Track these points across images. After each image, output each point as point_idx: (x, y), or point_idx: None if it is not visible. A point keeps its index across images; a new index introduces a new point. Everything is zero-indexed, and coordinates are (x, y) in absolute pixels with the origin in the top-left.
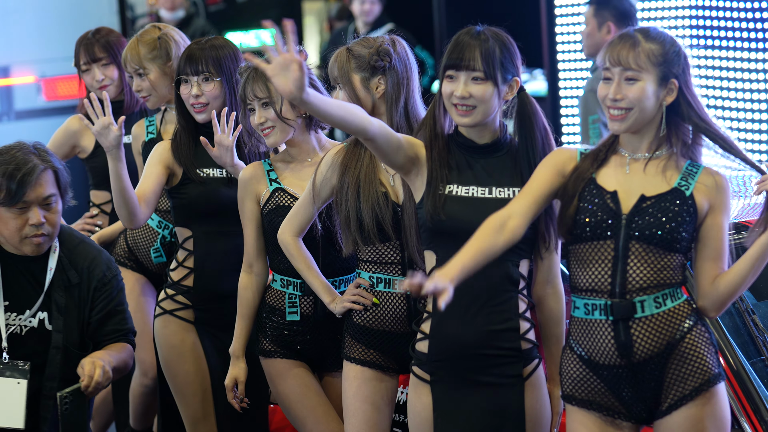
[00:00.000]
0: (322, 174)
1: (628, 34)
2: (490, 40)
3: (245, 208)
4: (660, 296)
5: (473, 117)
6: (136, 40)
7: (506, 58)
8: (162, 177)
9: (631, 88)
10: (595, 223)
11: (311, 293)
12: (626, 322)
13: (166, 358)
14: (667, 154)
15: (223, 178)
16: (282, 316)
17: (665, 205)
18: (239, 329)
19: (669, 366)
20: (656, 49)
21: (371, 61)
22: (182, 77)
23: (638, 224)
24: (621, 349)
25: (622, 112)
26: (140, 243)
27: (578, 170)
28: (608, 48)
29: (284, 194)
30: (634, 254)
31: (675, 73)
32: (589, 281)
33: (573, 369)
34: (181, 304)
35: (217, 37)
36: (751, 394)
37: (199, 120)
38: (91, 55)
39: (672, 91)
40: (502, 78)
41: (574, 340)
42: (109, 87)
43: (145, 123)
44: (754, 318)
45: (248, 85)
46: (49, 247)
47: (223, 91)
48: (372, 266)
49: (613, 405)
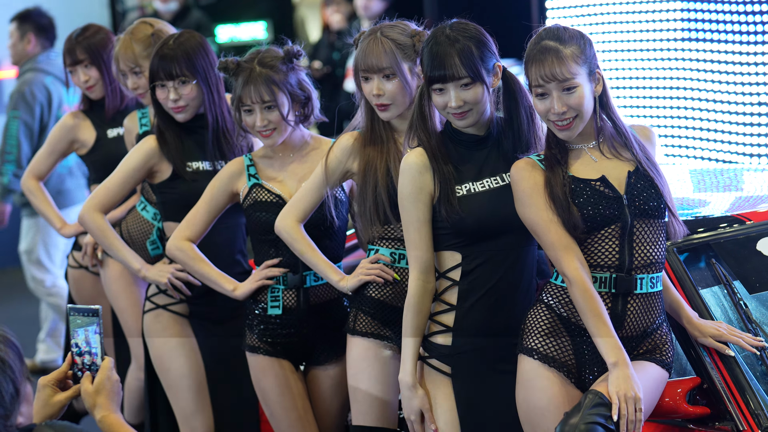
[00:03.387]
0: (337, 158)
1: (546, 47)
2: (461, 41)
3: (214, 193)
4: (654, 277)
5: (471, 118)
6: (129, 38)
7: (482, 52)
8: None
9: (571, 97)
10: (597, 213)
11: (294, 286)
12: (626, 297)
13: (158, 353)
14: (621, 133)
15: (210, 171)
16: (264, 309)
17: (644, 175)
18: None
19: (637, 350)
20: (576, 50)
21: (416, 49)
22: (157, 83)
23: (637, 200)
24: (614, 320)
25: (569, 121)
26: (135, 236)
27: (552, 176)
28: (534, 66)
29: (262, 189)
30: (638, 231)
31: (596, 64)
32: (594, 259)
33: (545, 324)
34: (174, 298)
35: (183, 33)
36: (743, 387)
37: (180, 120)
38: (72, 58)
39: (599, 81)
40: (486, 72)
41: (557, 301)
42: (95, 87)
43: (138, 115)
44: (747, 311)
45: (249, 87)
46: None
47: (200, 91)
48: (394, 243)
49: (569, 366)
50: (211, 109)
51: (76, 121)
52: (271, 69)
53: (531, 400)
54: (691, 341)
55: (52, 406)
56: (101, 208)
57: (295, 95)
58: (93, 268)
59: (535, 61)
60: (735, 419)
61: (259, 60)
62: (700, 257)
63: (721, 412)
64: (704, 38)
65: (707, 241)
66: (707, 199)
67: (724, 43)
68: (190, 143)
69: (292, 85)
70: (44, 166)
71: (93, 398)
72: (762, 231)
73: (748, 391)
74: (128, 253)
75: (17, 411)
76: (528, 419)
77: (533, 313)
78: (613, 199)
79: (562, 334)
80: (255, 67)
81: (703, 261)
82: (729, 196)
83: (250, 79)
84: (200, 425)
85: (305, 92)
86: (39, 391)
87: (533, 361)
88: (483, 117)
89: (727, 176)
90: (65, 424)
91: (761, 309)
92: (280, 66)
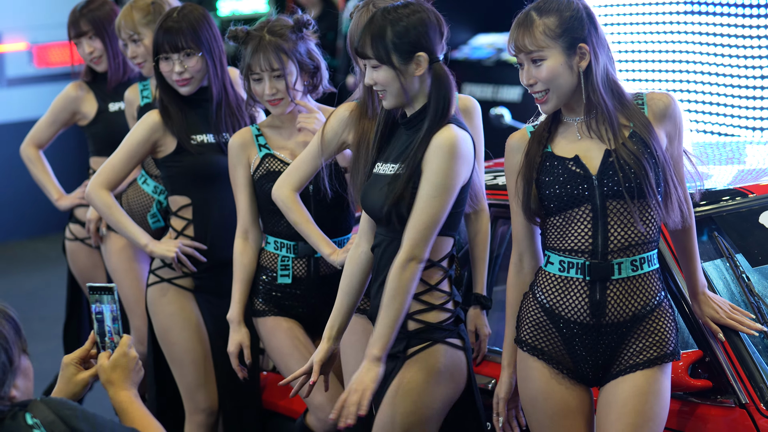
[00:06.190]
0: (333, 129)
1: (523, 15)
2: (380, 23)
3: (237, 174)
4: (638, 259)
5: (387, 101)
6: (130, 6)
7: (401, 37)
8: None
9: (540, 70)
10: (564, 193)
11: (304, 256)
12: (603, 283)
13: (163, 326)
14: (603, 112)
15: (214, 144)
16: (274, 277)
17: (627, 153)
18: (237, 294)
19: (631, 335)
20: (552, 22)
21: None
22: (162, 55)
23: (609, 181)
24: (593, 308)
25: (542, 94)
26: (136, 209)
27: (528, 150)
28: (510, 35)
29: (274, 159)
30: (613, 212)
31: (581, 38)
32: (568, 243)
33: (533, 316)
34: (180, 271)
35: (186, 6)
36: (746, 360)
37: (184, 92)
38: (77, 30)
39: (585, 55)
40: (399, 58)
41: (541, 291)
42: (101, 59)
43: (139, 87)
44: (749, 284)
45: (258, 55)
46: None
47: (205, 63)
48: None
49: (562, 359)
50: (215, 81)
51: (80, 93)
52: (280, 37)
53: (523, 390)
54: (693, 313)
55: (75, 384)
56: (107, 185)
57: (304, 64)
58: (89, 241)
59: (511, 30)
60: (737, 392)
61: (268, 28)
62: (703, 230)
63: (723, 386)
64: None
65: (709, 214)
66: (710, 172)
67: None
68: (194, 116)
69: (301, 54)
70: (45, 135)
71: (107, 374)
72: (764, 204)
73: (751, 364)
74: (136, 229)
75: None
76: (524, 407)
77: (525, 302)
78: (583, 179)
79: (548, 326)
80: (264, 35)
81: (705, 234)
82: (732, 169)
83: (259, 47)
84: (204, 399)
85: (314, 62)
86: (62, 370)
87: (522, 353)
88: (403, 101)
89: (729, 149)
90: (60, 399)
91: (763, 282)
92: (290, 35)
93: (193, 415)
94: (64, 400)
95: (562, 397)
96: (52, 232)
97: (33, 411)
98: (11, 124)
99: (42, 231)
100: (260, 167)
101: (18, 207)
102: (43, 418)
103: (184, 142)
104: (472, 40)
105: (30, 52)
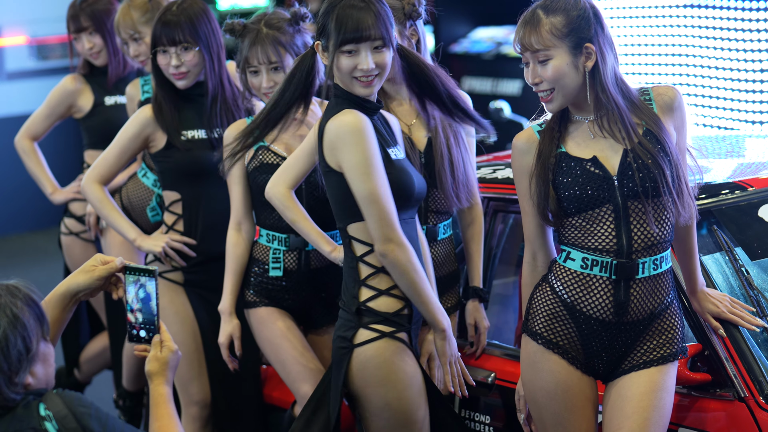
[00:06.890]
0: None
1: (529, 13)
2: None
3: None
4: (658, 258)
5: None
6: (127, 5)
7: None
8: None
9: (545, 69)
10: (584, 194)
11: (296, 249)
12: (627, 282)
13: None
14: (614, 112)
15: (205, 140)
16: (266, 270)
17: (644, 152)
18: (229, 285)
19: (646, 333)
20: (559, 22)
21: (405, 11)
22: (159, 48)
23: (630, 182)
24: (618, 307)
25: (547, 93)
26: (135, 203)
27: (541, 151)
28: (516, 33)
29: (267, 152)
30: (635, 213)
31: (588, 38)
32: (591, 242)
33: (550, 308)
34: (170, 266)
35: (185, 0)
36: (745, 354)
37: (180, 86)
38: (76, 25)
39: (591, 55)
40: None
41: (561, 284)
42: (100, 54)
43: (140, 82)
44: (749, 277)
45: (256, 48)
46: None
47: (202, 58)
48: None
49: (576, 353)
50: (212, 76)
51: (77, 86)
52: (277, 30)
53: (537, 382)
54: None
55: (86, 272)
56: (100, 179)
57: None
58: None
59: (518, 28)
60: (736, 386)
61: (265, 21)
62: (702, 224)
63: (723, 379)
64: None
65: (709, 208)
66: (709, 166)
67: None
68: (188, 111)
69: (298, 47)
70: (40, 128)
71: (156, 365)
72: (764, 197)
73: (750, 357)
74: (125, 223)
75: (26, 370)
76: (534, 400)
77: (538, 293)
78: (603, 180)
79: (566, 320)
80: (262, 28)
81: (704, 227)
82: (731, 163)
83: (256, 40)
84: (197, 392)
85: None
86: (88, 261)
87: (537, 345)
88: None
89: (729, 142)
90: (76, 395)
91: (763, 276)
92: (287, 27)
93: (187, 407)
94: (80, 395)
95: (581, 389)
96: (52, 226)
97: (47, 402)
98: (11, 118)
99: (41, 224)
100: (253, 159)
101: (17, 200)
102: (56, 412)
103: (173, 138)
104: (472, 33)
105: (30, 46)
